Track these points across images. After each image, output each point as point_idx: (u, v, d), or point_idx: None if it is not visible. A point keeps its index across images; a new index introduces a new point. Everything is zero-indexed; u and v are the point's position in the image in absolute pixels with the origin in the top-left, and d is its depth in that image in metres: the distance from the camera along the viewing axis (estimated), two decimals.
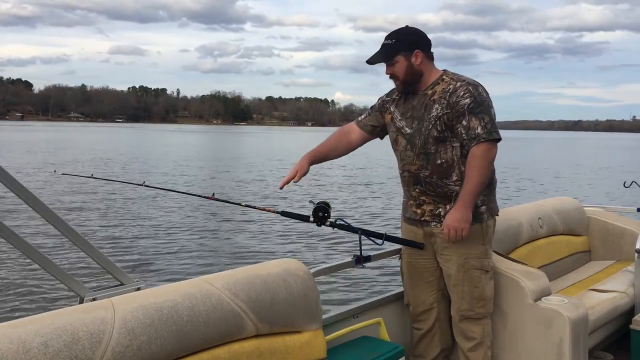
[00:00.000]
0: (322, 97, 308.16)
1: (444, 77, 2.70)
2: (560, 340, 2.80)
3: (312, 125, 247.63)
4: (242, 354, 2.06)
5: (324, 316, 2.55)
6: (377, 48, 2.73)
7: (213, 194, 3.01)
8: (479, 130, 2.55)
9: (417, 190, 2.78)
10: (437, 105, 2.65)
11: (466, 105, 2.57)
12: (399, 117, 2.79)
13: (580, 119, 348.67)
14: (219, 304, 2.02)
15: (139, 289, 2.22)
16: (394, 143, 2.84)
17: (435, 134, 2.65)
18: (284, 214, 2.80)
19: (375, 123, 2.92)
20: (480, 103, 2.57)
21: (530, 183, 22.90)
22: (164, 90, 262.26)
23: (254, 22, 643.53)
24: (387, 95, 2.90)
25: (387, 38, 2.71)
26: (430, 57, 2.73)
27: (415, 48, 2.67)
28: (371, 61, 2.71)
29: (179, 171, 25.74)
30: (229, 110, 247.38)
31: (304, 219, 2.72)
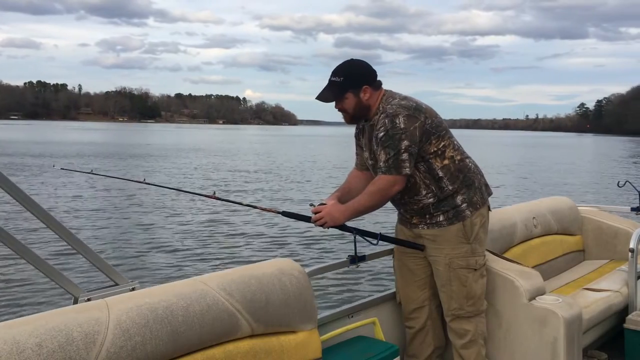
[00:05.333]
0: (233, 95, 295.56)
1: (380, 105, 2.70)
2: (555, 340, 2.81)
3: (224, 122, 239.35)
4: (237, 354, 2.06)
5: (319, 316, 2.55)
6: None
7: (214, 193, 3.00)
8: (382, 163, 2.62)
9: (401, 210, 2.88)
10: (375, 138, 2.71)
11: (379, 138, 2.63)
12: (364, 149, 2.86)
13: (480, 118, 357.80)
14: (214, 304, 2.01)
15: (133, 289, 2.21)
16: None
17: None
18: (285, 214, 2.80)
19: None
20: (391, 137, 2.60)
21: None
22: (64, 85, 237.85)
23: (157, 17, 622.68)
24: (356, 128, 2.93)
25: (334, 75, 2.69)
26: (377, 86, 2.73)
27: (364, 84, 2.68)
28: (321, 99, 2.69)
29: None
30: (136, 107, 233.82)
31: (305, 219, 2.73)
